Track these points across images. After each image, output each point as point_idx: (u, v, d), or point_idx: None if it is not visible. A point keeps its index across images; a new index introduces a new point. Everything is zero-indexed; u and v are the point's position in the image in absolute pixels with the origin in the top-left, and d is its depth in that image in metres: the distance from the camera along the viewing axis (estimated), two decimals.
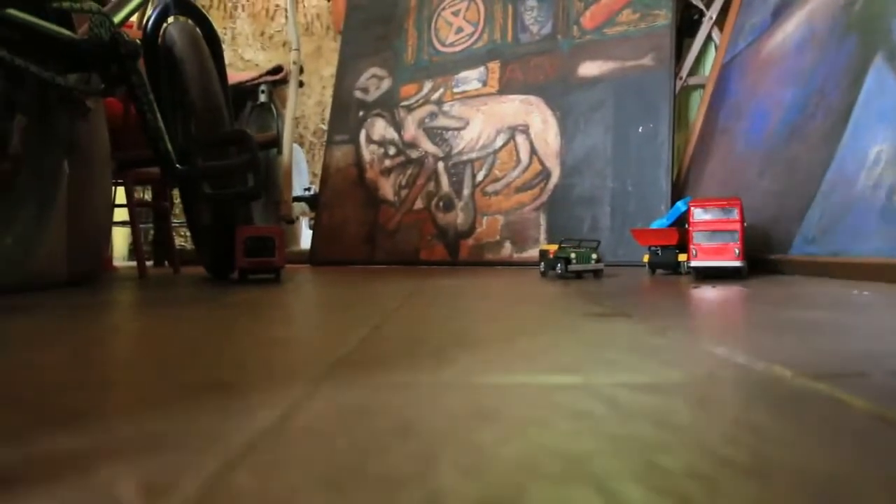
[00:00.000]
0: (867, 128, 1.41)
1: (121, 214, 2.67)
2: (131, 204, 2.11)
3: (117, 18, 1.33)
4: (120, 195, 2.34)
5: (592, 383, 0.42)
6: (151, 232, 3.55)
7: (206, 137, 1.53)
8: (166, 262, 3.10)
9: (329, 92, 4.16)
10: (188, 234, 3.92)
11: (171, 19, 1.76)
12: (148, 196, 3.56)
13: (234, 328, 0.72)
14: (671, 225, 1.70)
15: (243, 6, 4.51)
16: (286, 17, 4.45)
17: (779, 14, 2.08)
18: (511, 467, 0.27)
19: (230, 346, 0.60)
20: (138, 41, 1.30)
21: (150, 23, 1.70)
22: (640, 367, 0.48)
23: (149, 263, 3.16)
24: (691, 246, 1.46)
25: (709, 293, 1.12)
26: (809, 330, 0.66)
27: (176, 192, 3.47)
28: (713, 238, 1.44)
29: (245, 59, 4.40)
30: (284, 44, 4.42)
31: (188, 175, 1.48)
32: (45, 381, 0.46)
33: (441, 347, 0.57)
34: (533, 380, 0.44)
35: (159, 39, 1.72)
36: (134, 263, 3.37)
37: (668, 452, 0.29)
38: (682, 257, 1.62)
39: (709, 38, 2.67)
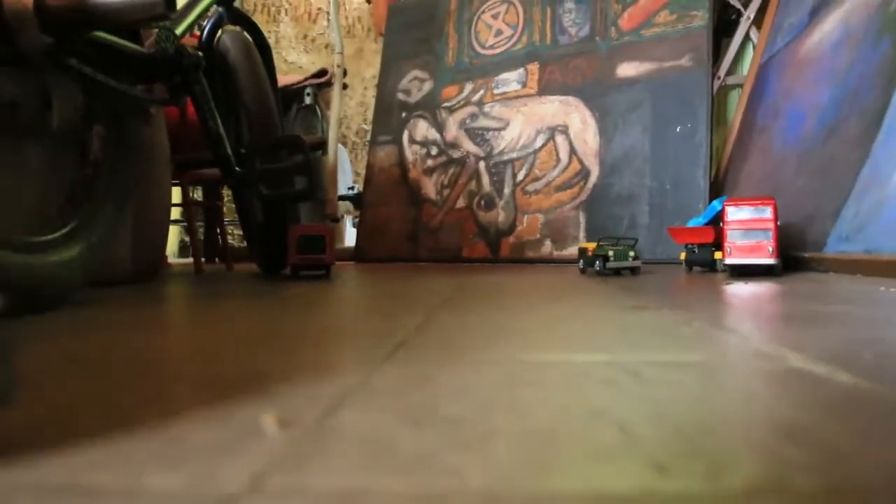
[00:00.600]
0: None
1: (172, 213, 2.79)
2: (188, 203, 2.22)
3: (178, 30, 1.42)
4: (174, 195, 2.46)
5: (620, 360, 0.49)
6: (201, 230, 3.69)
7: (263, 142, 1.63)
8: (217, 259, 3.22)
9: (370, 93, 4.26)
10: (238, 232, 4.05)
11: (224, 28, 1.85)
12: (198, 196, 3.69)
13: (299, 318, 0.80)
14: (707, 223, 1.75)
15: (286, 10, 4.62)
16: (328, 20, 4.55)
17: (816, 13, 2.10)
18: (547, 415, 0.34)
19: (303, 332, 0.68)
20: (200, 54, 1.40)
21: (205, 32, 1.79)
22: (664, 349, 0.54)
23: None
24: (726, 244, 1.51)
25: (740, 289, 1.17)
26: (826, 321, 0.72)
27: (226, 192, 3.59)
28: (747, 236, 1.49)
29: (289, 62, 4.52)
30: (326, 46, 4.53)
31: (247, 177, 1.57)
32: (172, 353, 0.55)
33: (487, 333, 0.65)
34: (568, 357, 0.51)
35: (214, 48, 1.82)
36: (184, 260, 3.50)
37: (676, 406, 0.36)
38: (717, 255, 1.66)
39: (747, 37, 2.69)
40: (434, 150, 2.97)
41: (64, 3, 0.88)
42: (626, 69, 2.58)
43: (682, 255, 1.75)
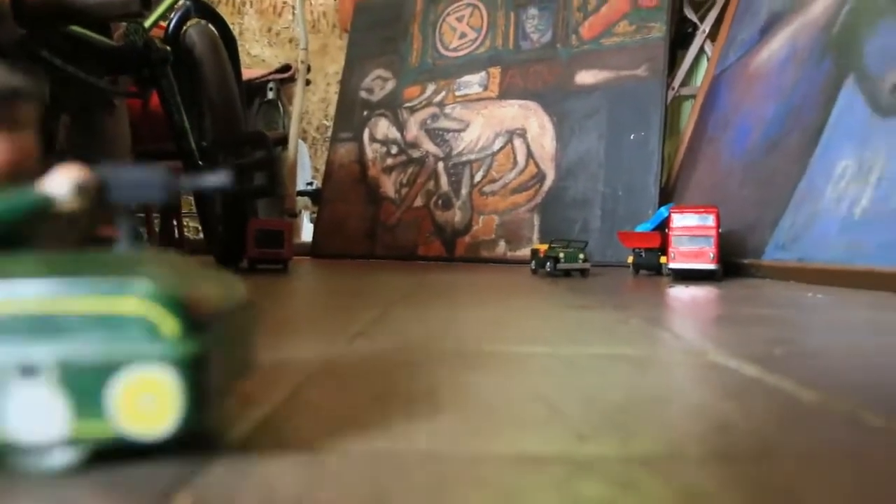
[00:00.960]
0: (836, 145, 1.53)
1: None
2: None
3: (147, 23, 1.44)
4: None
5: (558, 352, 0.55)
6: (156, 221, 3.67)
7: (227, 136, 1.65)
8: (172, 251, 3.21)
9: (333, 89, 4.27)
10: (194, 224, 4.03)
11: (191, 22, 1.87)
12: None
13: (265, 307, 0.84)
14: (654, 229, 1.82)
15: (251, 2, 4.61)
16: (293, 14, 4.55)
17: (766, 31, 2.20)
18: (488, 395, 0.39)
19: (269, 320, 0.72)
20: (168, 48, 1.42)
21: (172, 25, 1.81)
22: (600, 344, 0.60)
23: None
24: (671, 249, 1.58)
25: (681, 292, 1.24)
26: (752, 323, 0.78)
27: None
28: (690, 242, 1.56)
29: (252, 55, 4.51)
30: (291, 40, 4.53)
31: (210, 171, 1.59)
32: None
33: (440, 326, 0.70)
34: (512, 349, 0.56)
35: (180, 41, 1.84)
36: None
37: (602, 391, 0.41)
38: (663, 259, 1.73)
39: (701, 50, 2.79)
40: (394, 149, 3.01)
41: None
42: (585, 77, 2.65)
43: (630, 259, 1.82)
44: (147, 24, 1.44)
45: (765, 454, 0.30)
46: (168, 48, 1.43)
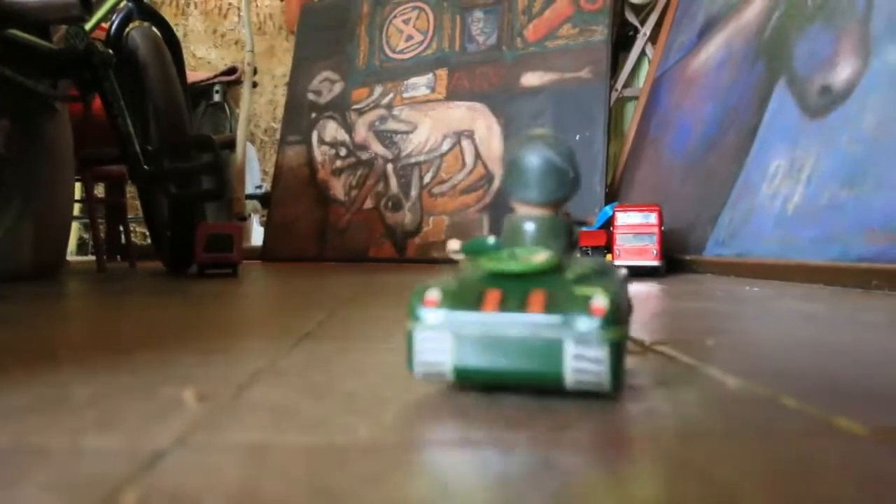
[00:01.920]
0: (770, 144, 1.59)
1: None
2: (91, 200, 2.19)
3: (88, 26, 1.42)
4: (76, 191, 2.41)
5: None
6: (102, 228, 3.59)
7: (173, 140, 1.63)
8: (118, 257, 3.16)
9: (280, 91, 4.25)
10: (141, 229, 3.97)
11: (133, 24, 1.84)
12: (100, 192, 3.60)
13: (211, 312, 0.84)
14: (600, 227, 1.86)
15: (196, 4, 4.55)
16: (239, 16, 4.51)
17: (703, 34, 2.26)
18: (429, 388, 0.41)
19: (216, 324, 0.73)
20: (111, 51, 1.40)
21: (114, 27, 1.78)
22: None
23: None
24: (615, 246, 1.62)
25: None
26: (690, 316, 0.81)
27: (130, 189, 3.52)
28: (634, 240, 1.60)
29: (197, 57, 4.45)
30: (237, 42, 4.48)
31: (155, 176, 1.58)
32: (86, 343, 0.59)
33: (386, 326, 0.71)
34: None
35: (123, 44, 1.81)
36: (83, 258, 3.41)
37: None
38: (609, 257, 1.77)
39: (643, 53, 2.85)
40: (343, 151, 3.01)
41: None
42: (530, 78, 2.69)
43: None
44: (88, 26, 1.42)
45: (684, 436, 0.32)
46: (110, 51, 1.41)
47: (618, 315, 0.36)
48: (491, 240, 0.44)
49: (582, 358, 0.35)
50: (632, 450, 0.30)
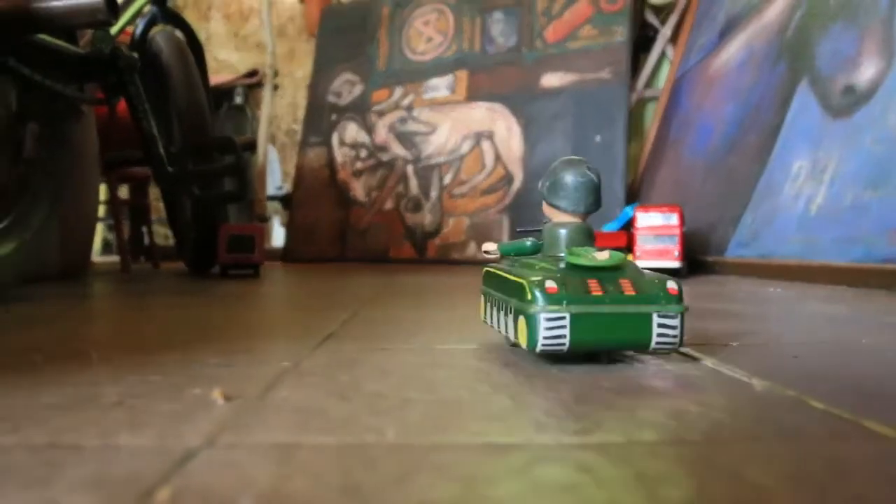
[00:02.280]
0: (792, 144, 1.58)
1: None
2: (115, 202, 2.21)
3: (114, 30, 1.44)
4: (101, 193, 2.43)
5: (524, 349, 0.57)
6: (126, 228, 3.62)
7: (196, 142, 1.65)
8: (142, 258, 3.19)
9: (301, 93, 4.26)
10: (164, 230, 4.00)
11: (157, 28, 1.86)
12: (124, 194, 3.64)
13: (235, 312, 0.85)
14: (620, 228, 1.86)
15: (217, 7, 4.58)
16: (260, 18, 4.54)
17: (724, 35, 2.25)
18: (454, 390, 0.41)
19: (239, 325, 0.73)
20: (136, 55, 1.42)
21: (139, 31, 1.80)
22: None
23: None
24: (636, 247, 1.62)
25: None
26: (712, 317, 0.81)
27: (153, 190, 3.55)
28: (655, 241, 1.60)
29: (219, 60, 4.48)
30: (258, 45, 4.51)
31: (179, 177, 1.59)
32: (115, 343, 0.59)
33: (408, 326, 0.71)
34: (477, 346, 0.58)
35: (147, 47, 1.83)
36: (107, 259, 3.45)
37: (563, 383, 0.43)
38: (629, 258, 1.77)
39: (663, 53, 2.84)
40: (363, 153, 3.02)
41: (7, 5, 0.90)
42: (551, 79, 2.68)
43: None
44: (113, 30, 1.43)
45: (714, 439, 0.32)
46: (135, 55, 1.43)
47: (682, 294, 0.49)
48: (528, 242, 0.56)
49: (664, 326, 0.47)
50: (661, 451, 0.30)
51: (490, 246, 0.59)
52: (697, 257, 1.76)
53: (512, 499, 0.24)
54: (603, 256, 0.48)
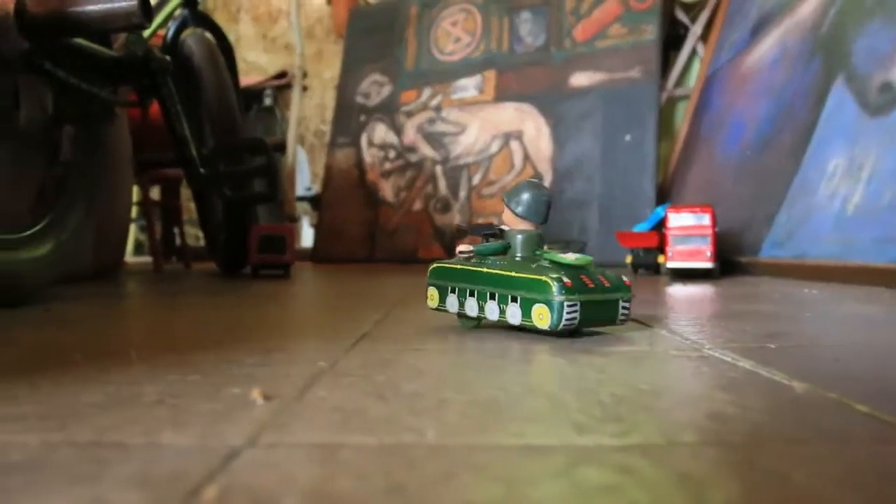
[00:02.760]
0: (828, 142, 1.55)
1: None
2: (147, 203, 2.24)
3: (147, 33, 1.46)
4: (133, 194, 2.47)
5: (557, 349, 0.56)
6: (157, 229, 3.67)
7: (227, 144, 1.67)
8: (173, 258, 3.23)
9: (329, 94, 4.29)
10: (194, 231, 4.05)
11: (188, 31, 1.88)
12: (155, 195, 3.68)
13: (267, 312, 0.86)
14: (652, 229, 1.84)
15: (246, 9, 4.63)
16: (289, 20, 4.57)
17: (757, 32, 2.22)
18: (490, 390, 0.41)
19: (273, 325, 0.74)
20: (168, 57, 1.44)
21: (170, 34, 1.82)
22: (598, 342, 0.61)
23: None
24: (668, 248, 1.60)
25: (679, 290, 1.26)
26: (746, 318, 0.80)
27: (185, 191, 3.59)
28: (687, 241, 1.58)
29: (248, 62, 4.52)
30: (286, 46, 4.54)
31: (211, 179, 1.61)
32: (151, 343, 0.60)
33: (442, 326, 0.71)
34: (511, 346, 0.58)
35: (178, 50, 1.85)
36: (139, 259, 3.50)
37: (599, 384, 0.43)
38: (661, 259, 1.75)
39: (694, 51, 2.81)
40: (392, 154, 3.02)
41: (44, 10, 0.92)
42: (579, 79, 2.67)
43: (629, 259, 1.84)
44: (146, 34, 1.45)
45: (756, 441, 0.32)
46: (167, 57, 1.44)
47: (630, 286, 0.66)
48: (496, 245, 0.68)
49: (625, 307, 0.66)
50: (703, 453, 0.30)
51: (466, 247, 0.70)
52: (730, 258, 1.74)
53: (555, 500, 0.24)
54: (573, 257, 0.64)
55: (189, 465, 0.27)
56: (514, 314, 0.63)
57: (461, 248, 0.70)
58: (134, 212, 2.86)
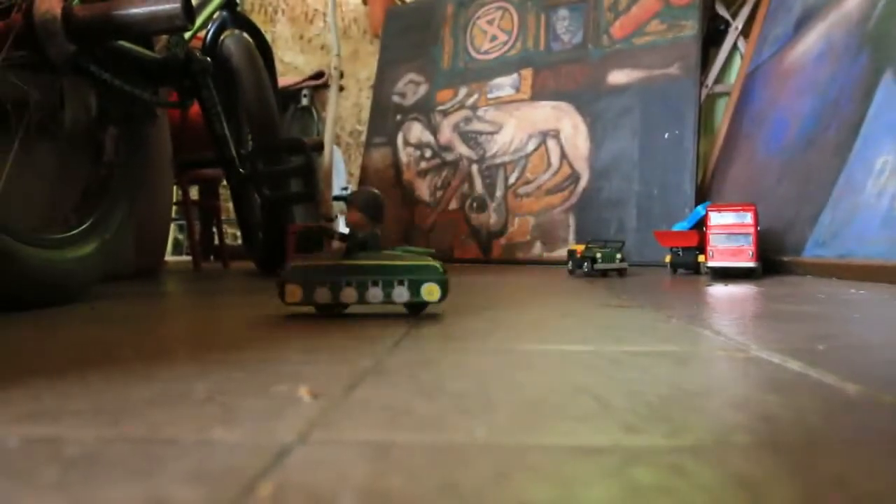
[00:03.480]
0: (875, 139, 1.52)
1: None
2: (186, 203, 2.27)
3: (187, 35, 1.48)
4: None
5: (601, 350, 0.56)
6: (196, 229, 3.72)
7: (266, 144, 1.68)
8: (211, 257, 3.27)
9: (365, 94, 4.31)
10: (232, 230, 4.10)
11: (227, 32, 1.90)
12: (194, 195, 3.73)
13: (308, 311, 0.86)
14: (692, 228, 1.81)
15: (283, 10, 4.67)
16: (325, 21, 4.60)
17: (801, 26, 2.18)
18: (537, 390, 0.41)
19: (314, 323, 0.74)
20: (208, 59, 1.45)
21: (209, 36, 1.85)
22: (641, 342, 0.61)
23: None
24: (708, 247, 1.58)
25: (720, 291, 1.24)
26: (793, 319, 0.78)
27: (223, 191, 3.64)
28: (729, 240, 1.56)
29: (285, 62, 4.56)
30: (322, 47, 4.57)
31: (251, 179, 1.63)
32: (194, 341, 0.61)
33: (483, 326, 0.71)
34: (556, 347, 0.58)
35: (217, 51, 1.87)
36: (177, 258, 3.55)
37: (647, 385, 0.42)
38: (701, 258, 1.73)
39: (734, 47, 2.77)
40: (428, 153, 3.03)
41: (90, 14, 0.94)
42: (617, 76, 2.65)
43: (668, 258, 1.82)
44: (187, 35, 1.47)
45: (812, 443, 0.31)
46: (208, 59, 1.46)
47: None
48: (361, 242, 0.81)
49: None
50: (757, 455, 0.29)
51: (338, 244, 0.85)
52: (773, 257, 1.71)
53: (611, 501, 0.24)
54: (422, 249, 0.83)
55: (242, 461, 0.28)
56: (400, 294, 0.77)
57: (336, 244, 0.83)
58: (173, 211, 2.91)
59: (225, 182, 2.10)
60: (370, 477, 0.26)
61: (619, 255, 1.67)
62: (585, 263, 1.62)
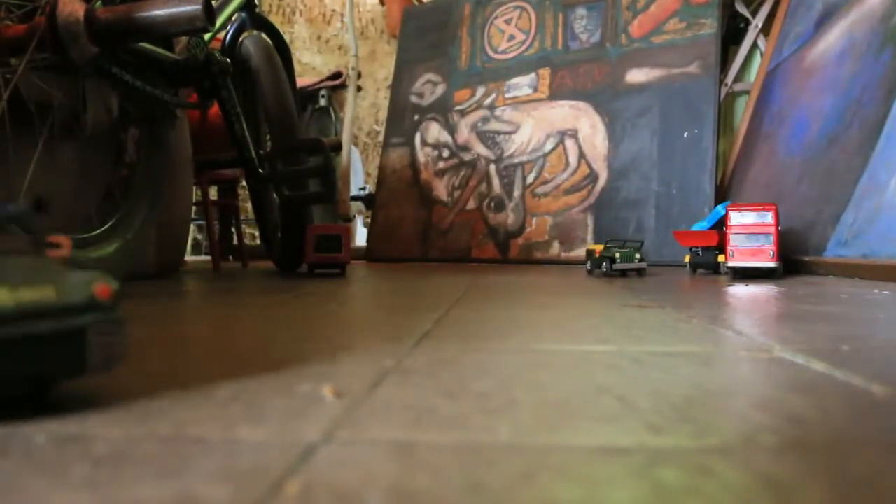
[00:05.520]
0: None
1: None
2: (207, 203, 2.29)
3: (207, 37, 1.49)
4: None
5: (623, 350, 0.56)
6: (216, 229, 3.74)
7: (285, 144, 1.69)
8: (230, 257, 3.29)
9: (383, 94, 4.33)
10: (251, 230, 4.12)
11: (246, 33, 1.92)
12: (213, 196, 3.76)
13: (327, 311, 0.87)
14: (711, 227, 1.80)
15: (301, 11, 4.69)
16: (342, 21, 4.62)
17: (822, 24, 2.16)
18: (559, 390, 0.41)
19: (335, 323, 0.75)
20: (228, 60, 1.47)
21: (229, 37, 1.86)
22: (663, 342, 0.60)
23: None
24: (729, 247, 1.57)
25: (741, 291, 1.23)
26: (816, 319, 0.78)
27: (242, 191, 3.66)
28: (749, 240, 1.54)
29: (303, 63, 4.58)
30: (340, 47, 4.59)
31: (271, 179, 1.64)
32: (219, 340, 0.61)
33: (502, 326, 0.71)
34: (577, 347, 0.58)
35: (237, 52, 1.88)
36: (197, 258, 3.58)
37: (669, 385, 0.42)
38: (721, 258, 1.72)
39: (754, 45, 2.75)
40: (446, 153, 3.03)
41: (112, 16, 0.95)
42: (636, 75, 2.63)
43: (687, 258, 1.81)
44: (207, 37, 1.48)
45: (839, 444, 0.31)
46: (228, 60, 1.47)
47: None
48: None
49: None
50: (784, 456, 0.29)
51: None
52: (794, 257, 1.70)
53: (638, 501, 0.24)
54: None
55: (269, 459, 0.28)
56: None
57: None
58: (192, 211, 2.93)
59: (244, 182, 2.11)
60: (397, 476, 0.26)
61: (637, 255, 1.66)
62: (604, 263, 1.62)
